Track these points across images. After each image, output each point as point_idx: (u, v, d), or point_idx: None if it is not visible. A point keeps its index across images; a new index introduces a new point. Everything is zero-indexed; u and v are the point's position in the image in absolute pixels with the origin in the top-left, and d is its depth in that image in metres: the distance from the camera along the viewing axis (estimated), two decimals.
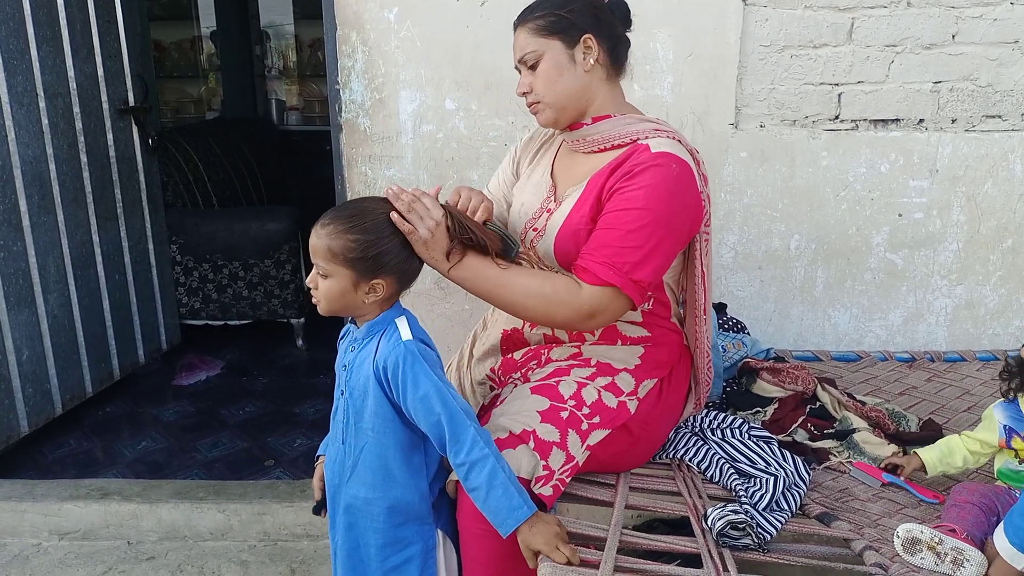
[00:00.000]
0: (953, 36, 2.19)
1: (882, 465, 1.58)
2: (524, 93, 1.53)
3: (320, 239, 1.29)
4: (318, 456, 1.58)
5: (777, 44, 2.20)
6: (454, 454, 1.27)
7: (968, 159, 2.24)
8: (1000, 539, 1.25)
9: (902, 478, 1.54)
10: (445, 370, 1.52)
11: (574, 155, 1.61)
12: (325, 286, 1.31)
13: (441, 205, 1.41)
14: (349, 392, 1.37)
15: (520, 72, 1.54)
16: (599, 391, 1.49)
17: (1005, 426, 1.46)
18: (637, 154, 1.46)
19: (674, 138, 1.50)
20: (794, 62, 2.21)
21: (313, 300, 1.35)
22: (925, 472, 1.53)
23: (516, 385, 1.56)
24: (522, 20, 1.51)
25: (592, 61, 1.49)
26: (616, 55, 1.53)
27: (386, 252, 1.31)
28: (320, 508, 1.52)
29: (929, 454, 1.53)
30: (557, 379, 1.50)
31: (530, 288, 1.44)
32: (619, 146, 1.51)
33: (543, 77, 1.49)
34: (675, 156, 1.45)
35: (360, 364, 1.34)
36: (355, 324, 1.40)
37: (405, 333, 1.31)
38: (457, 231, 1.38)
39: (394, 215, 1.33)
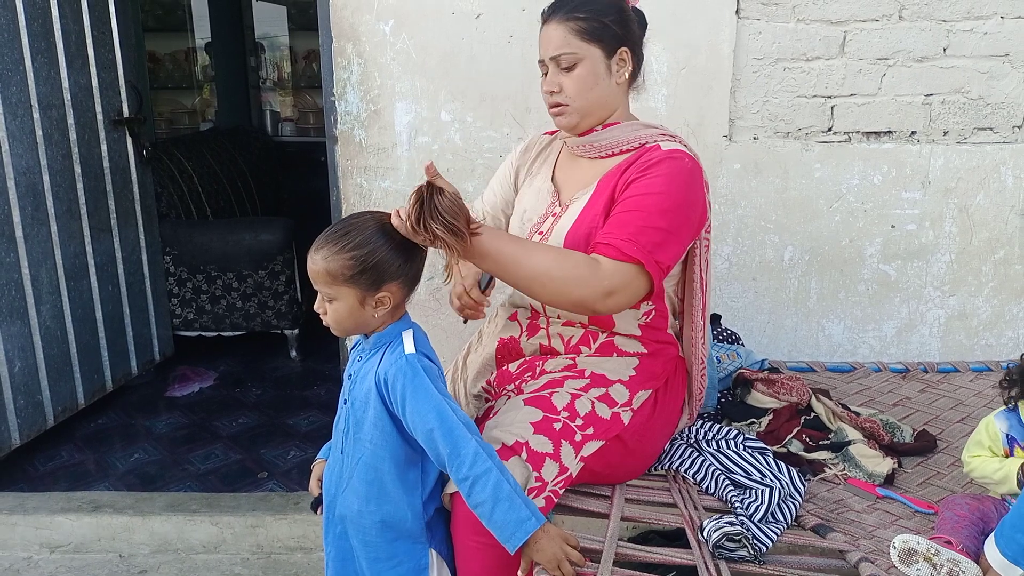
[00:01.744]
0: (944, 49, 2.20)
1: None
2: (552, 92, 1.50)
3: (317, 264, 1.28)
4: (318, 459, 1.57)
5: (770, 57, 2.22)
6: (456, 469, 1.25)
7: (960, 171, 2.25)
8: (992, 551, 1.24)
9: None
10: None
11: (577, 160, 1.62)
12: (333, 310, 1.30)
13: (423, 186, 1.27)
14: (351, 402, 1.37)
15: (547, 68, 1.51)
16: (593, 402, 1.48)
17: (1007, 435, 1.46)
18: (648, 152, 1.50)
19: (680, 141, 1.54)
20: (787, 75, 2.23)
21: (325, 323, 1.34)
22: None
23: (510, 397, 1.56)
24: (561, 17, 1.47)
25: (625, 75, 1.52)
26: (639, 69, 1.57)
27: (385, 259, 1.29)
28: (317, 505, 1.51)
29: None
30: (551, 390, 1.49)
31: (546, 264, 1.38)
32: (626, 151, 1.54)
33: (579, 82, 1.48)
34: (686, 153, 1.50)
35: (364, 375, 1.34)
36: (365, 335, 1.40)
37: (409, 347, 1.30)
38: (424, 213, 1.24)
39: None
